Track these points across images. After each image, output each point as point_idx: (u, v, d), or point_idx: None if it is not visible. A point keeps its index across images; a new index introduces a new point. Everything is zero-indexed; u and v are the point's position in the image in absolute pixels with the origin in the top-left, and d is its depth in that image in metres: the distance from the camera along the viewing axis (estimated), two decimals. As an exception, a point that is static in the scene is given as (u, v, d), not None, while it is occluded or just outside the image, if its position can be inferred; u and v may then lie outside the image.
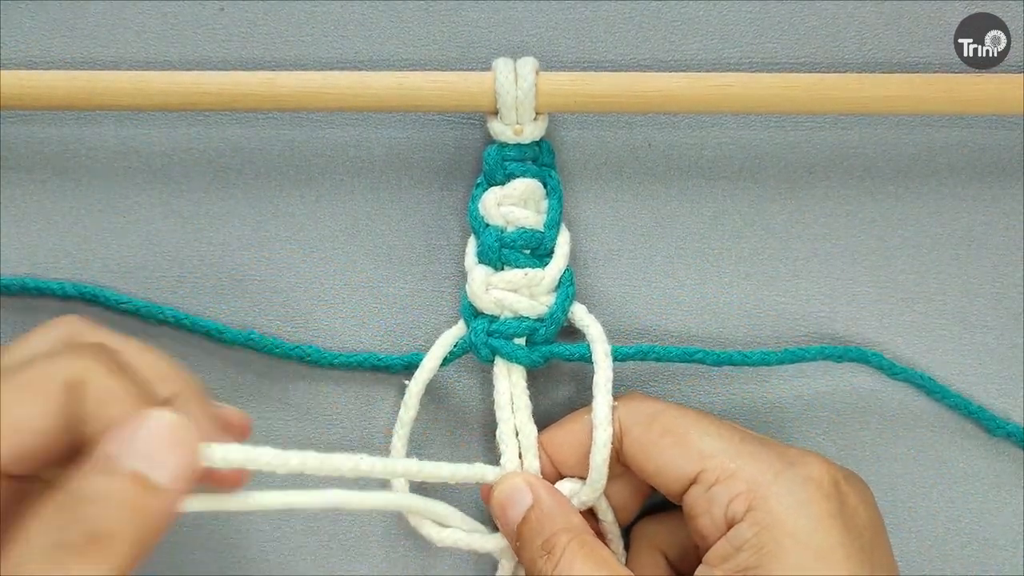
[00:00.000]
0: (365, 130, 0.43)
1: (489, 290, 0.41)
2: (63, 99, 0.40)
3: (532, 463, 0.41)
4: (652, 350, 0.42)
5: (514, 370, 0.41)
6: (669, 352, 0.42)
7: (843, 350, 0.42)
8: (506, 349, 0.41)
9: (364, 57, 0.43)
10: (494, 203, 0.41)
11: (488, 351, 0.41)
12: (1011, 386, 0.44)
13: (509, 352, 0.41)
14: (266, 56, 0.43)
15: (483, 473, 0.40)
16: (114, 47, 0.43)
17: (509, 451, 0.41)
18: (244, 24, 0.43)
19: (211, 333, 0.43)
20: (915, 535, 0.44)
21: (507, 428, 0.41)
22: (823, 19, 0.43)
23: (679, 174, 0.43)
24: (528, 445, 0.41)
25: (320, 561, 0.44)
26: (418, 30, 0.43)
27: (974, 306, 0.44)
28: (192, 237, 0.43)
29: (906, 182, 0.44)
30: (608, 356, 0.40)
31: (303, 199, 0.43)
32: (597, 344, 0.41)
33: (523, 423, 0.41)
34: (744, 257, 0.44)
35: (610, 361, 0.40)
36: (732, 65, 0.43)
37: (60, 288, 0.42)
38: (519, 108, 0.40)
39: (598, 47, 0.43)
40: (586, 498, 0.40)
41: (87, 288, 0.42)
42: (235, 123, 0.43)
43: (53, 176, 0.43)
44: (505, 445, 0.41)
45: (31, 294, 0.43)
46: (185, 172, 0.43)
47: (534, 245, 0.41)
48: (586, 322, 0.41)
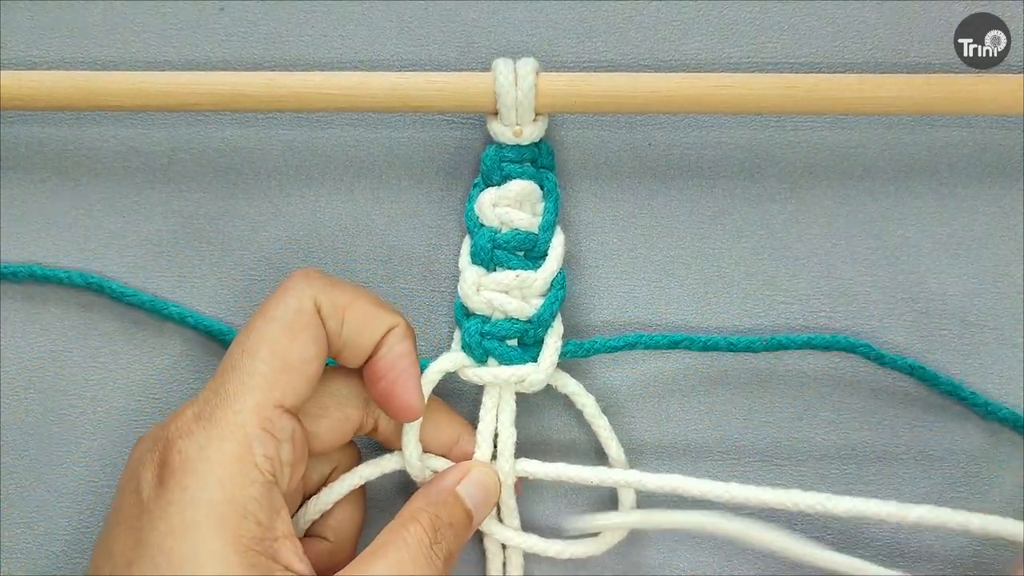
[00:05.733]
0: (365, 130, 0.43)
1: (480, 291, 0.41)
2: (63, 99, 0.40)
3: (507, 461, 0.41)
4: (639, 339, 0.42)
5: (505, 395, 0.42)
6: (655, 340, 0.42)
7: (831, 339, 0.42)
8: (499, 351, 0.41)
9: (364, 58, 0.43)
10: (489, 204, 0.41)
11: (482, 352, 0.41)
12: (1011, 386, 0.44)
13: (502, 354, 0.41)
14: (266, 56, 0.43)
15: None
16: (114, 47, 0.43)
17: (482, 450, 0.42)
18: (244, 24, 0.43)
19: (214, 333, 0.43)
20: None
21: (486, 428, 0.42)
22: (823, 19, 0.43)
23: (679, 174, 0.43)
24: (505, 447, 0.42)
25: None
26: (418, 30, 0.43)
27: (974, 306, 0.44)
28: (192, 237, 0.43)
29: (906, 182, 0.44)
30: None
31: (303, 199, 0.43)
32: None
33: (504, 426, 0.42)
34: (744, 257, 0.44)
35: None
36: (732, 65, 0.43)
37: (67, 277, 0.43)
38: (519, 109, 0.40)
39: (598, 47, 0.43)
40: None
41: (94, 278, 0.43)
42: (235, 123, 0.43)
43: (53, 176, 0.43)
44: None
45: (38, 282, 0.43)
46: (185, 172, 0.43)
47: (528, 247, 0.41)
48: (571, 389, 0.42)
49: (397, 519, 0.39)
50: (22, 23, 0.43)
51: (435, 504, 0.39)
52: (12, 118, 0.43)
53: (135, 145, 0.43)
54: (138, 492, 0.36)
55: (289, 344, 0.37)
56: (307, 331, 0.37)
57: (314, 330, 0.38)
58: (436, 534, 0.38)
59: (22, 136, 0.43)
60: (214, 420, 0.36)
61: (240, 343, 0.37)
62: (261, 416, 0.36)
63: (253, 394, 0.36)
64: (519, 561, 0.43)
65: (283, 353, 0.37)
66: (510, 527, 0.42)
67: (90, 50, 0.43)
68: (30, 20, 0.43)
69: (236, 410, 0.36)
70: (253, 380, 0.36)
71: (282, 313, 0.37)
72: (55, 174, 0.43)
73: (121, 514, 0.36)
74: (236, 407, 0.36)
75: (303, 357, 0.37)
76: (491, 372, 0.41)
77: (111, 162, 0.43)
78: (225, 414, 0.36)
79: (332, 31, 0.43)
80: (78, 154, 0.43)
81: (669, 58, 0.43)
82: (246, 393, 0.36)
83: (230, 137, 0.43)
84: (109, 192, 0.43)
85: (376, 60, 0.43)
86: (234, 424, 0.36)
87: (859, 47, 0.43)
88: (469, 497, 0.40)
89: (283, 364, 0.37)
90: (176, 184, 0.43)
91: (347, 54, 0.43)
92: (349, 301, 0.38)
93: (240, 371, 0.37)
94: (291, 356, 0.37)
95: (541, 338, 0.41)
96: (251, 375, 0.36)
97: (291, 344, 0.37)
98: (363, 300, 0.39)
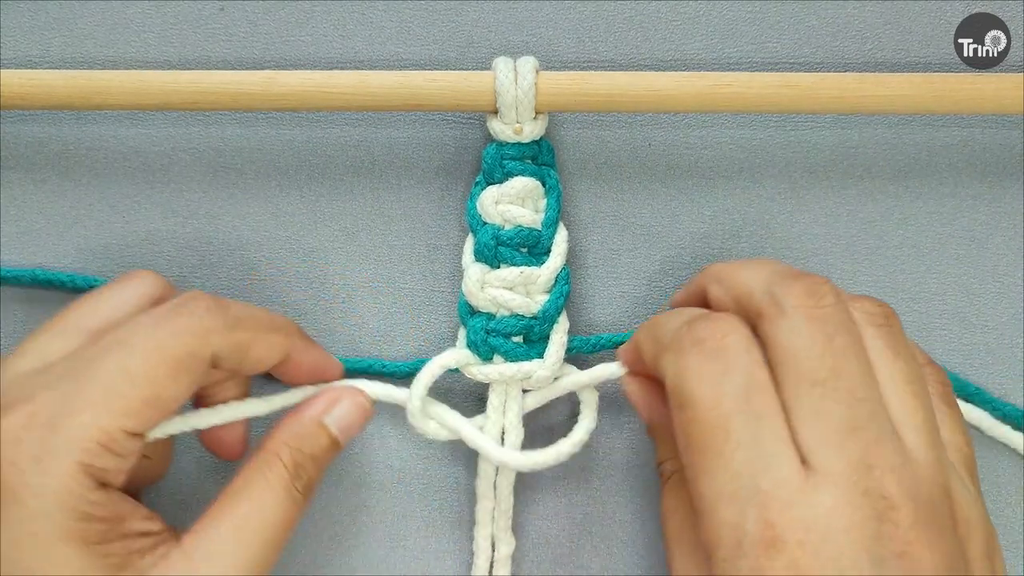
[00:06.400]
0: (365, 130, 0.43)
1: (484, 288, 0.41)
2: (63, 98, 0.40)
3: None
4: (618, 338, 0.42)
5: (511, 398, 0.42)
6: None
7: None
8: (505, 348, 0.41)
9: (364, 57, 0.43)
10: (491, 201, 0.41)
11: (487, 349, 0.41)
12: (1011, 386, 0.44)
13: (508, 350, 0.41)
14: (266, 56, 0.43)
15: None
16: (114, 47, 0.43)
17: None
18: (244, 24, 0.43)
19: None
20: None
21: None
22: (823, 19, 0.43)
23: (679, 174, 0.43)
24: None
25: (320, 561, 0.44)
26: (418, 30, 0.43)
27: (974, 306, 0.44)
28: (192, 237, 0.43)
29: (906, 182, 0.44)
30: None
31: (303, 199, 0.43)
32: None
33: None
34: (744, 257, 0.44)
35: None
36: (732, 64, 0.43)
37: (70, 280, 0.42)
38: (519, 107, 0.40)
39: (598, 47, 0.43)
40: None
41: (98, 281, 0.42)
42: (235, 123, 0.43)
43: (53, 176, 0.43)
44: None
45: (41, 286, 0.43)
46: (185, 172, 0.43)
47: (531, 243, 0.41)
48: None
49: (259, 454, 0.38)
50: (22, 23, 0.43)
51: (298, 437, 0.39)
52: (12, 117, 0.43)
53: (135, 145, 0.43)
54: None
55: (168, 381, 0.36)
56: (189, 376, 0.36)
57: (196, 376, 0.36)
58: (298, 469, 0.38)
59: (22, 136, 0.43)
60: (55, 430, 0.34)
61: (115, 351, 0.35)
62: (108, 436, 0.34)
63: (107, 416, 0.34)
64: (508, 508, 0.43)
65: (159, 388, 0.35)
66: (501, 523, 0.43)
67: (90, 50, 0.43)
68: (30, 20, 0.43)
69: (81, 424, 0.34)
70: (114, 402, 0.35)
71: (174, 350, 0.36)
72: (55, 174, 0.43)
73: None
74: (83, 420, 0.34)
75: (174, 397, 0.36)
76: (497, 369, 0.41)
77: (111, 162, 0.43)
78: (69, 425, 0.34)
79: (332, 31, 0.43)
80: (78, 154, 0.43)
81: (669, 57, 0.43)
82: (100, 411, 0.34)
83: (230, 137, 0.43)
84: (109, 192, 0.43)
85: (376, 60, 0.43)
86: (74, 439, 0.34)
87: (859, 47, 0.43)
88: (335, 425, 0.40)
89: (154, 398, 0.35)
90: (176, 184, 0.43)
91: (347, 54, 0.43)
92: (248, 341, 0.38)
93: (104, 387, 0.35)
94: (165, 393, 0.36)
95: (546, 334, 0.41)
96: (115, 396, 0.35)
97: (170, 382, 0.36)
98: (260, 333, 0.38)
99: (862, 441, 0.31)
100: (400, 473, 0.44)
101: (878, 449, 0.31)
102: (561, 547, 0.44)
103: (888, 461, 0.31)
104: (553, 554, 0.44)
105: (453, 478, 0.44)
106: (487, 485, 0.42)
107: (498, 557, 0.43)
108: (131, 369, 0.35)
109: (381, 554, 0.44)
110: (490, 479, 0.42)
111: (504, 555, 0.43)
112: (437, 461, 0.44)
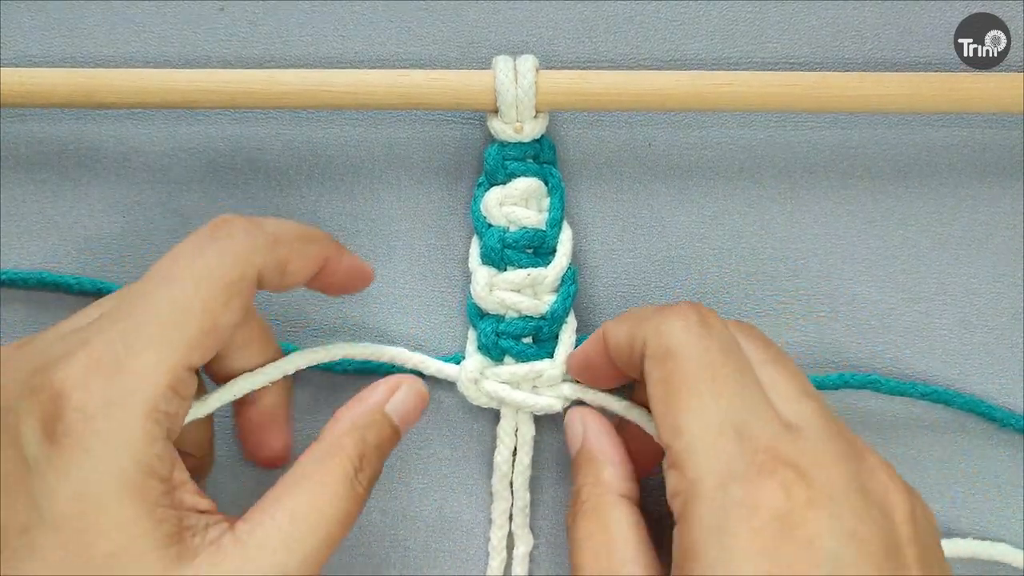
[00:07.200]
0: (365, 129, 0.43)
1: (493, 291, 0.41)
2: (63, 97, 0.40)
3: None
4: None
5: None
6: None
7: (837, 378, 0.43)
8: (516, 349, 0.41)
9: (364, 57, 0.43)
10: (496, 203, 0.41)
11: (498, 351, 0.41)
12: (1011, 386, 0.44)
13: (518, 352, 0.41)
14: (266, 56, 0.43)
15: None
16: (114, 46, 0.43)
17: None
18: (244, 24, 0.43)
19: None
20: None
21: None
22: (823, 19, 0.43)
23: (679, 174, 0.43)
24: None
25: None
26: (418, 29, 0.43)
27: (974, 306, 0.44)
28: (192, 237, 0.43)
29: (906, 182, 0.44)
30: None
31: (303, 199, 0.43)
32: None
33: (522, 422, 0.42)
34: (744, 257, 0.44)
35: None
36: (732, 64, 0.43)
37: (77, 283, 0.42)
38: (519, 106, 0.40)
39: (598, 46, 0.43)
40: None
41: (105, 284, 0.42)
42: (235, 122, 0.43)
43: (53, 176, 0.43)
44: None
45: (48, 288, 0.43)
46: (185, 172, 0.43)
47: (536, 244, 0.41)
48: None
49: (321, 443, 0.37)
50: (22, 22, 0.43)
51: (362, 427, 0.37)
52: (12, 117, 0.43)
53: (135, 145, 0.43)
54: (18, 447, 0.32)
55: (223, 308, 0.34)
56: (241, 299, 0.35)
57: (247, 299, 0.35)
58: (361, 461, 0.36)
59: (22, 135, 0.43)
60: (122, 371, 0.33)
61: (163, 286, 0.34)
62: (174, 376, 0.33)
63: (172, 351, 0.33)
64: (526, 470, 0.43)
65: (215, 315, 0.34)
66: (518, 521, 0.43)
67: (90, 49, 0.43)
68: (30, 19, 0.43)
69: (148, 363, 0.33)
70: (174, 337, 0.33)
71: (222, 273, 0.35)
72: (55, 174, 0.43)
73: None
74: (148, 360, 0.33)
75: (229, 323, 0.35)
76: (508, 370, 0.41)
77: (111, 162, 0.43)
78: (135, 366, 0.33)
79: (332, 30, 0.43)
80: (78, 154, 0.43)
81: (669, 57, 0.43)
82: (164, 348, 0.33)
83: (230, 136, 0.43)
84: (109, 192, 0.43)
85: (376, 59, 0.43)
86: (144, 380, 0.33)
87: (859, 47, 0.43)
88: (396, 413, 0.39)
89: (211, 327, 0.34)
90: (176, 184, 0.43)
91: (347, 54, 0.43)
92: (287, 255, 0.36)
93: (162, 322, 0.33)
94: (222, 320, 0.34)
95: (556, 334, 0.41)
96: (175, 329, 0.33)
97: (224, 308, 0.34)
98: (297, 244, 0.37)
99: (815, 399, 0.35)
100: (400, 473, 0.44)
101: (824, 406, 0.36)
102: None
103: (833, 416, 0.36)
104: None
105: (458, 480, 0.44)
106: (503, 484, 0.42)
107: (516, 555, 0.43)
108: (184, 301, 0.34)
109: (381, 554, 0.44)
110: (506, 478, 0.42)
111: (522, 553, 0.43)
112: (441, 461, 0.44)
